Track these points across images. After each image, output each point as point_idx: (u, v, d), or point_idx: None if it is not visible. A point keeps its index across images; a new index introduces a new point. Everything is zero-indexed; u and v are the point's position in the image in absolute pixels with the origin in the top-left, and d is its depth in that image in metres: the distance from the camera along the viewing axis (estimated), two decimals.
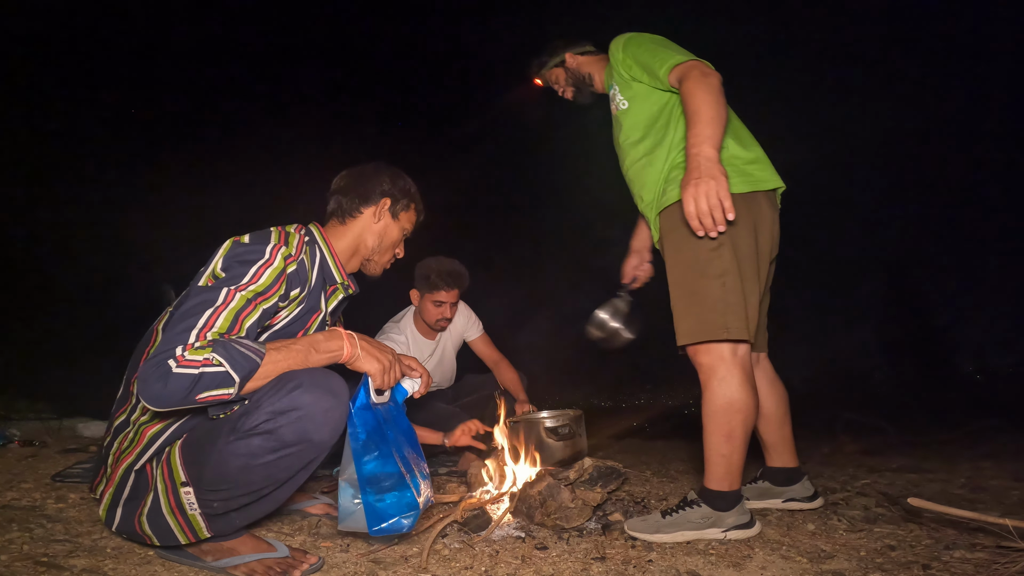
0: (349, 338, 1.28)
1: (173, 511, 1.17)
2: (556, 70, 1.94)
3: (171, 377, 1.05)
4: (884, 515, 1.78)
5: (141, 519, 1.20)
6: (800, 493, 1.83)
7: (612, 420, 5.82)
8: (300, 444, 1.14)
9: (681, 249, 1.57)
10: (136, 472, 1.23)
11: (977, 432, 3.96)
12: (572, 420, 1.85)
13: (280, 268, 1.26)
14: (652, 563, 1.37)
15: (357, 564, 1.32)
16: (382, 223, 1.51)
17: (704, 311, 1.52)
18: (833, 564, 1.37)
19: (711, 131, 1.44)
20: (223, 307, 1.15)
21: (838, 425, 4.23)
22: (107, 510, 1.26)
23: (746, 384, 1.52)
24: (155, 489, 1.20)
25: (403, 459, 1.37)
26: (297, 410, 1.12)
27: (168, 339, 1.10)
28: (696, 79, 1.49)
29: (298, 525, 1.59)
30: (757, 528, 1.58)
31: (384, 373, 1.32)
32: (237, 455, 1.12)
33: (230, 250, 1.25)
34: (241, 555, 1.24)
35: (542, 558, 1.39)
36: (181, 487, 1.17)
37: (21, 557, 1.24)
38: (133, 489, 1.23)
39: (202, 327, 1.12)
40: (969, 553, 1.40)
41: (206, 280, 1.21)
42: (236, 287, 1.19)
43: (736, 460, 1.54)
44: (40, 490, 1.82)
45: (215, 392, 1.08)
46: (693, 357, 1.58)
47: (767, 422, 1.82)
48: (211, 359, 1.08)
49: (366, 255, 1.52)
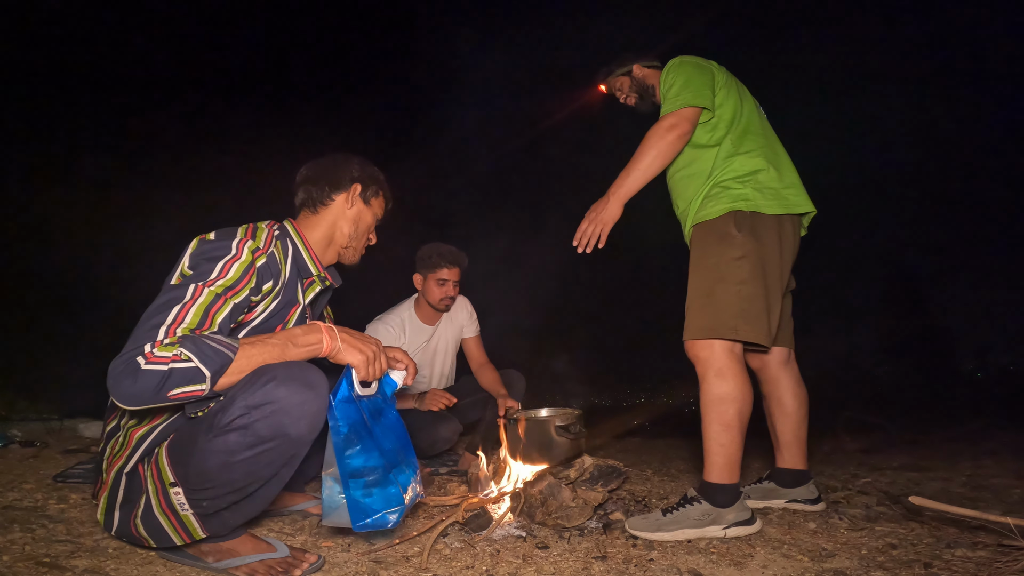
0: (329, 331, 1.24)
1: (165, 512, 1.17)
2: (622, 78, 2.10)
3: (140, 374, 1.03)
4: (885, 513, 1.78)
5: (136, 521, 1.20)
6: (804, 495, 1.84)
7: (612, 419, 5.83)
8: (277, 439, 1.12)
9: (707, 256, 1.69)
10: (127, 475, 1.23)
11: (978, 430, 3.97)
12: (577, 419, 1.86)
13: (248, 262, 1.25)
14: (653, 562, 1.37)
15: (358, 564, 1.32)
16: (355, 208, 1.50)
17: (717, 312, 1.62)
18: (834, 563, 1.37)
19: (636, 176, 1.68)
20: (191, 303, 1.14)
21: (839, 423, 4.23)
22: (104, 514, 1.26)
23: (741, 377, 1.61)
24: (147, 491, 1.19)
25: (388, 453, 1.34)
26: (271, 403, 1.09)
27: (136, 337, 1.09)
28: (656, 130, 1.69)
29: (299, 525, 1.59)
30: (758, 525, 1.59)
31: (368, 364, 1.27)
32: (215, 452, 1.11)
33: (197, 248, 1.24)
34: (242, 556, 1.24)
35: (543, 557, 1.39)
36: (170, 487, 1.16)
37: (23, 558, 1.24)
38: (127, 492, 1.23)
39: (171, 323, 1.10)
40: (971, 551, 1.40)
41: (176, 280, 1.20)
42: (204, 283, 1.17)
43: (734, 451, 1.59)
44: (42, 491, 1.82)
45: (187, 388, 1.06)
46: (692, 351, 1.67)
47: (787, 420, 1.85)
48: (180, 355, 1.06)
49: (343, 243, 1.50)
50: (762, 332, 1.62)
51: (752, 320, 1.61)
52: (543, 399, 3.50)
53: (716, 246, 1.67)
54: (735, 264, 1.63)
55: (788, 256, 1.74)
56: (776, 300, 1.68)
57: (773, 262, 1.67)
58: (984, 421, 4.39)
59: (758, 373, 1.90)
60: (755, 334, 1.61)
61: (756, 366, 1.89)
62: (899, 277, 10.29)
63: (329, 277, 1.51)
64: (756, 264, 1.63)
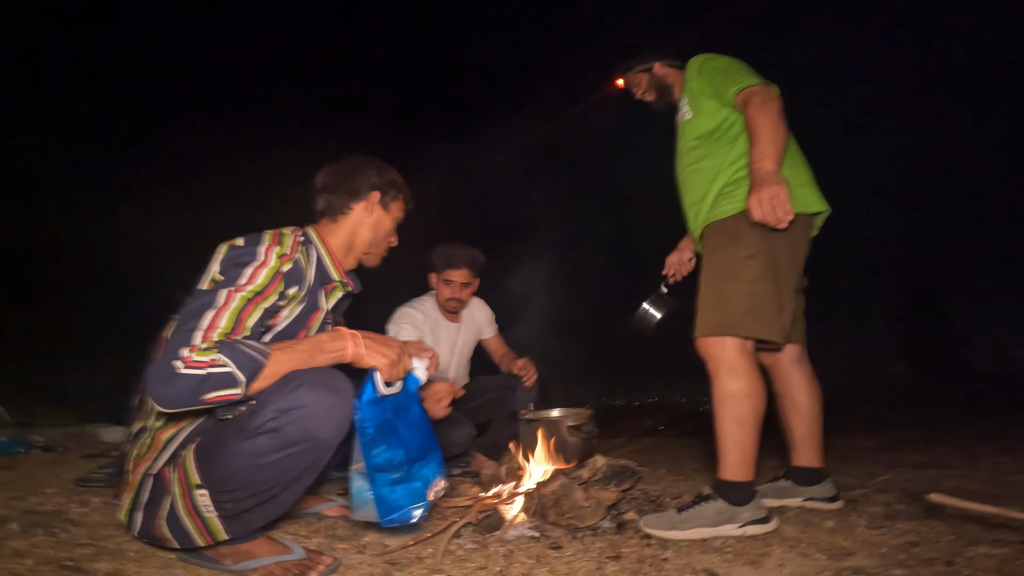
0: (353, 337, 1.29)
1: (190, 513, 1.19)
2: (642, 75, 2.09)
3: (177, 379, 1.08)
4: (905, 511, 1.76)
5: (160, 523, 1.22)
6: (820, 493, 1.82)
7: (625, 418, 5.80)
8: (304, 442, 1.15)
9: (719, 254, 1.69)
10: (153, 477, 1.25)
11: (996, 426, 3.90)
12: (589, 419, 1.86)
13: (275, 268, 1.28)
14: (667, 561, 1.36)
15: (372, 565, 1.33)
16: (374, 216, 1.52)
17: (727, 309, 1.62)
18: (853, 561, 1.35)
19: (771, 149, 1.58)
20: (224, 308, 1.18)
21: (856, 421, 4.18)
22: (128, 515, 1.28)
23: (753, 373, 1.61)
24: (172, 493, 1.21)
25: (412, 449, 1.39)
26: (300, 408, 1.13)
27: (173, 342, 1.13)
28: (758, 104, 1.63)
29: (315, 527, 1.61)
30: (774, 524, 1.58)
31: (392, 367, 1.32)
32: (244, 455, 1.14)
33: (226, 254, 1.28)
34: (259, 558, 1.26)
35: (556, 557, 1.39)
36: (196, 489, 1.18)
37: (45, 561, 1.27)
38: (152, 493, 1.25)
39: (206, 328, 1.14)
40: (992, 549, 1.38)
41: (207, 285, 1.24)
42: (234, 288, 1.21)
43: (749, 448, 1.58)
44: (63, 495, 1.85)
45: (222, 392, 1.10)
46: (703, 349, 1.67)
47: (800, 417, 1.84)
48: (216, 360, 1.10)
49: (363, 249, 1.53)
50: (774, 329, 1.61)
51: (762, 318, 1.60)
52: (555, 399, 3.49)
53: (727, 244, 1.67)
54: (746, 262, 1.63)
55: (800, 255, 1.73)
56: (789, 298, 1.67)
57: (785, 260, 1.66)
58: (1002, 417, 4.31)
59: (770, 371, 1.89)
60: (766, 331, 1.61)
61: (768, 363, 1.88)
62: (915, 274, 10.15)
63: (351, 283, 1.53)
64: (767, 262, 1.63)
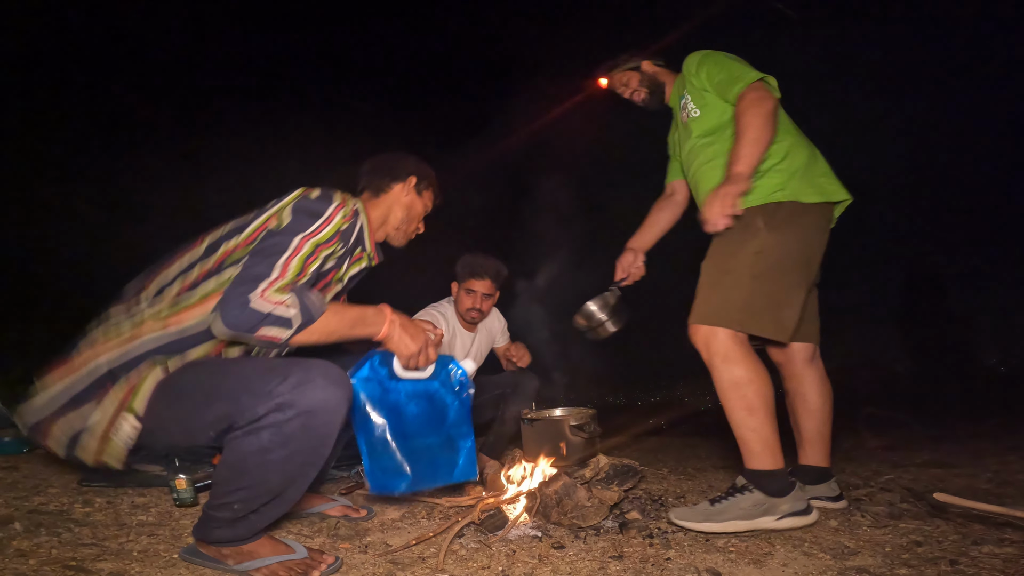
0: (391, 322, 1.40)
1: (103, 435, 1.18)
2: (629, 73, 2.04)
3: (248, 309, 1.16)
4: (909, 511, 1.75)
5: (67, 422, 1.19)
6: (825, 492, 1.81)
7: (627, 418, 5.79)
8: (308, 437, 1.17)
9: (727, 244, 1.66)
10: (102, 375, 1.21)
11: (1002, 426, 3.87)
12: (592, 418, 1.86)
13: (339, 226, 1.38)
14: (671, 561, 1.36)
15: (375, 565, 1.33)
16: (409, 197, 1.67)
17: (724, 301, 1.60)
18: (857, 560, 1.35)
19: (749, 151, 1.58)
20: (295, 254, 1.27)
21: (860, 420, 4.16)
22: (41, 394, 1.22)
23: (749, 358, 1.58)
24: (103, 406, 1.19)
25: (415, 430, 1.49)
26: (303, 402, 1.13)
27: (252, 274, 1.21)
28: (749, 101, 1.62)
29: (317, 527, 1.61)
30: (815, 516, 1.54)
31: (410, 359, 1.43)
32: (250, 452, 1.14)
33: (299, 200, 1.35)
34: (262, 558, 1.26)
35: (559, 557, 1.39)
36: (129, 414, 1.17)
37: (49, 561, 1.27)
38: (85, 392, 1.20)
39: (282, 266, 1.24)
40: (997, 548, 1.37)
41: (270, 219, 1.31)
42: (305, 235, 1.30)
43: (768, 433, 1.55)
44: (67, 495, 1.86)
45: (273, 332, 1.19)
46: (695, 337, 1.65)
47: (811, 416, 1.83)
48: (285, 301, 1.20)
49: (395, 225, 1.66)
50: (769, 327, 1.60)
51: (759, 315, 1.59)
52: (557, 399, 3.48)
53: (737, 236, 1.64)
54: (752, 257, 1.61)
55: (816, 249, 1.70)
56: (797, 295, 1.64)
57: (797, 256, 1.64)
58: (1008, 417, 4.28)
59: (781, 369, 1.87)
60: (760, 328, 1.59)
61: (779, 361, 1.87)
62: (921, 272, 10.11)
63: (376, 257, 1.64)
64: (776, 259, 1.61)
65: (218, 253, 1.31)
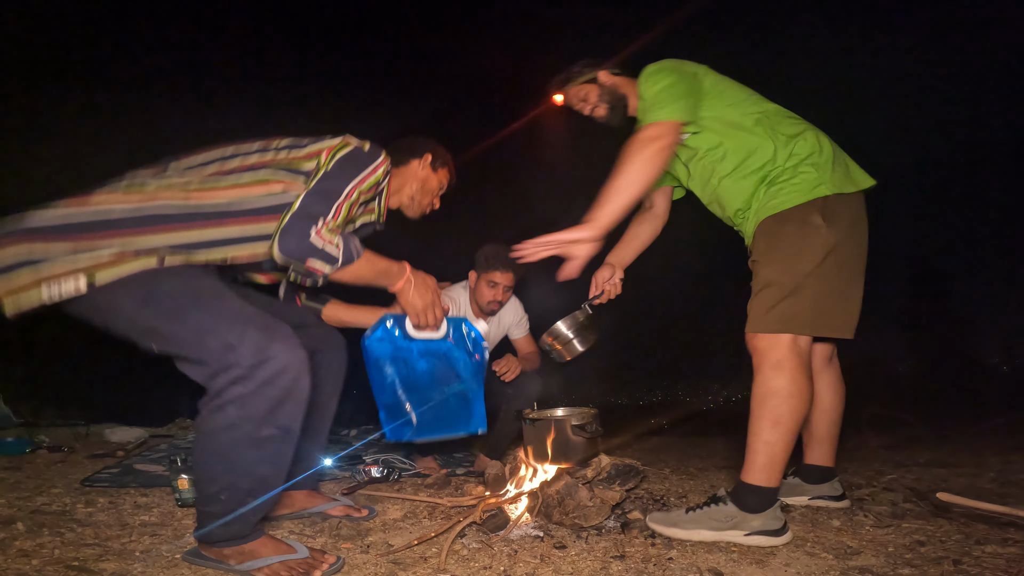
0: (408, 280, 1.57)
1: (44, 279, 1.15)
2: (586, 87, 1.88)
3: (307, 242, 1.32)
4: (912, 510, 1.74)
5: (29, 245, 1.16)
6: (828, 492, 1.80)
7: (629, 418, 5.79)
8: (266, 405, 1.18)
9: (784, 246, 1.55)
10: (105, 220, 1.20)
11: (1005, 425, 3.86)
12: (594, 418, 1.86)
13: (378, 179, 1.49)
14: (673, 561, 1.35)
15: (377, 565, 1.33)
16: (425, 172, 1.81)
17: (795, 305, 1.50)
18: (860, 560, 1.34)
19: (615, 201, 1.53)
20: (346, 200, 1.40)
21: (863, 419, 4.15)
22: (39, 212, 1.20)
23: (801, 372, 1.49)
24: (77, 249, 1.17)
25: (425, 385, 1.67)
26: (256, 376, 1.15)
27: (313, 211, 1.33)
28: (638, 143, 1.55)
29: (319, 527, 1.61)
30: (787, 537, 1.48)
31: (418, 314, 1.62)
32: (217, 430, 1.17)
33: (354, 149, 1.45)
34: (263, 557, 1.26)
35: (561, 557, 1.39)
36: (86, 277, 1.15)
37: (52, 561, 1.28)
38: (80, 226, 1.19)
39: (336, 209, 1.37)
40: (1000, 548, 1.37)
41: (315, 154, 1.41)
42: (355, 184, 1.42)
43: (780, 451, 1.48)
44: (70, 495, 1.87)
45: (318, 265, 1.35)
46: (753, 342, 1.56)
47: (822, 416, 1.80)
48: (335, 242, 1.35)
49: (408, 194, 1.80)
50: (840, 326, 1.54)
51: (829, 315, 1.52)
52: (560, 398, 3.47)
53: (795, 236, 1.53)
54: (820, 256, 1.51)
55: (865, 237, 1.62)
56: (859, 287, 1.58)
57: (856, 247, 1.58)
58: (1012, 416, 4.27)
59: None
60: (833, 328, 1.53)
61: None
62: (924, 270, 10.08)
63: (384, 216, 1.75)
64: (840, 255, 1.53)
65: (265, 157, 1.40)
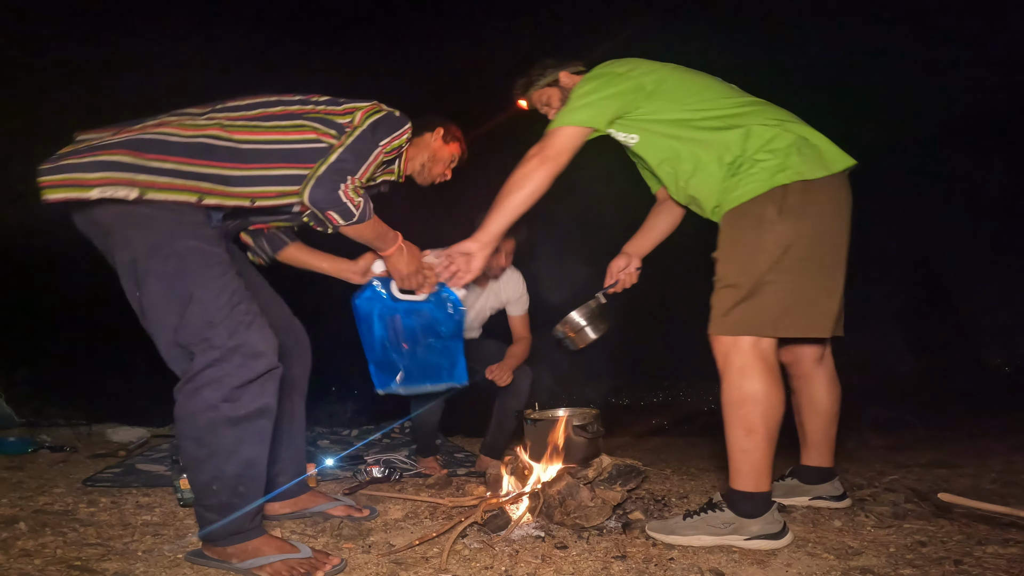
0: (399, 249, 1.69)
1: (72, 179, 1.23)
2: (548, 90, 1.85)
3: (335, 194, 1.43)
4: (913, 511, 1.74)
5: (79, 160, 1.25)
6: (828, 492, 1.79)
7: (630, 418, 5.79)
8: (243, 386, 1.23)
9: (742, 243, 1.49)
10: (156, 140, 1.31)
11: (1007, 425, 3.86)
12: (595, 418, 1.86)
13: (401, 143, 1.60)
14: (674, 561, 1.35)
15: (378, 565, 1.33)
16: (437, 143, 1.92)
17: (752, 307, 1.45)
18: (861, 561, 1.34)
19: (499, 218, 1.62)
20: (372, 162, 1.51)
21: (864, 419, 4.15)
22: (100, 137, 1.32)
23: (767, 375, 1.44)
24: (111, 162, 1.25)
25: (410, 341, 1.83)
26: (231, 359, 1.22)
27: (346, 167, 1.44)
28: (526, 160, 1.60)
29: (321, 527, 1.61)
30: (787, 539, 1.46)
31: (402, 279, 1.75)
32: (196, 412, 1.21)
33: (387, 114, 1.55)
34: (266, 556, 1.26)
35: (562, 557, 1.39)
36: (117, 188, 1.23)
37: (54, 561, 1.28)
38: (121, 144, 1.28)
39: (364, 168, 1.49)
40: (1002, 548, 1.37)
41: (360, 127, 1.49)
42: (382, 147, 1.52)
43: (759, 457, 1.45)
44: (72, 495, 1.87)
45: (337, 216, 1.46)
46: (712, 344, 1.52)
47: (818, 417, 1.78)
48: (357, 201, 1.47)
49: (421, 162, 1.90)
50: (808, 325, 1.47)
51: (793, 314, 1.45)
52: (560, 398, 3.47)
53: (752, 232, 1.46)
54: (775, 252, 1.44)
55: (844, 225, 1.53)
56: (835, 281, 1.50)
57: (827, 237, 1.48)
58: (1013, 417, 4.27)
59: (789, 368, 1.78)
60: (798, 328, 1.46)
61: (787, 361, 1.77)
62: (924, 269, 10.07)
63: (403, 178, 1.86)
64: (802, 248, 1.44)
65: (305, 107, 1.51)
